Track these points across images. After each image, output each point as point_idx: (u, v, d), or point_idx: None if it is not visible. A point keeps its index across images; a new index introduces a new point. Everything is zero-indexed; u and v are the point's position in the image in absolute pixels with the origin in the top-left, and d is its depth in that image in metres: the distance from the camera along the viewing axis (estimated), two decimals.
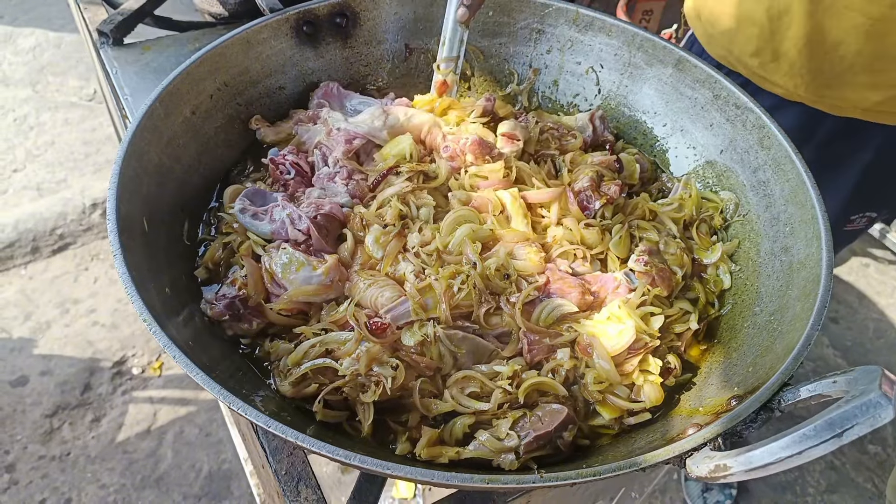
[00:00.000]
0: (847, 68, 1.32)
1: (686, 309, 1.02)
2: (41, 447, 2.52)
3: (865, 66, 1.30)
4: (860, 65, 1.30)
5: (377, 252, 0.96)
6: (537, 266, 0.93)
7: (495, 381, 0.86)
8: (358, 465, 0.68)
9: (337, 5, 1.24)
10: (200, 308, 0.95)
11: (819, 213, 0.95)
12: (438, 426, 0.86)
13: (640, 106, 1.28)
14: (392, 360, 0.85)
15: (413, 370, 0.86)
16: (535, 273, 0.93)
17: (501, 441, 0.80)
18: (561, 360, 0.87)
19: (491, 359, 0.89)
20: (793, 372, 0.78)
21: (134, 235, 0.88)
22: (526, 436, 0.80)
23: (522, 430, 0.81)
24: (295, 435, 0.68)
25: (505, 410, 0.84)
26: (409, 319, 0.87)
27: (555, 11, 1.28)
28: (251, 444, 1.19)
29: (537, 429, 0.80)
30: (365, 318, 0.87)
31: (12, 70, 4.04)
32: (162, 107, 1.01)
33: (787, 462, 0.62)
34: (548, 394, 0.88)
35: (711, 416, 0.80)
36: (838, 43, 1.29)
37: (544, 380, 0.85)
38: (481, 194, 1.02)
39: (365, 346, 0.85)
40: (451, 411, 0.87)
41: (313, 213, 1.00)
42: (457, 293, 0.87)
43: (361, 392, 0.85)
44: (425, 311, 0.87)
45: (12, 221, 3.16)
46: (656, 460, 0.71)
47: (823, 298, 0.86)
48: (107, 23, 1.52)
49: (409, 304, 0.86)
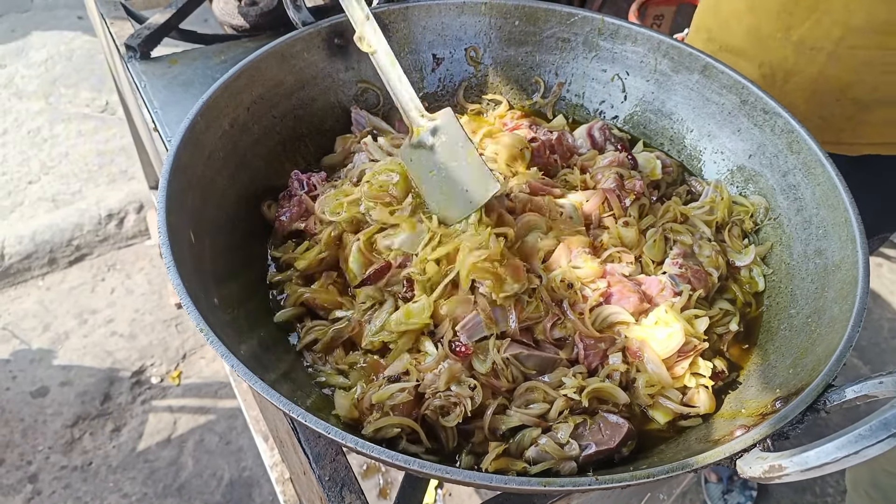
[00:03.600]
0: (861, 108, 1.28)
1: (727, 309, 1.03)
2: (63, 457, 2.54)
3: (881, 101, 1.26)
4: (876, 102, 1.27)
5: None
6: (597, 272, 0.95)
7: (559, 391, 0.87)
8: (437, 475, 0.70)
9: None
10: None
11: (853, 216, 0.97)
12: (501, 437, 0.88)
13: (667, 112, 1.29)
14: (469, 379, 0.86)
15: (487, 388, 0.88)
16: (594, 279, 0.95)
17: (562, 448, 0.81)
18: (615, 365, 0.88)
19: (554, 367, 0.90)
20: (836, 373, 0.80)
21: (183, 248, 0.89)
22: (587, 447, 0.81)
23: (583, 440, 0.82)
24: (381, 451, 0.70)
25: (566, 415, 0.86)
26: (483, 334, 0.88)
27: (580, 20, 1.30)
28: (290, 451, 1.20)
29: (599, 442, 0.81)
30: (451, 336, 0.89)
31: (25, 83, 4.07)
32: (203, 120, 1.03)
33: (843, 462, 0.63)
34: (607, 401, 0.89)
35: (756, 417, 0.81)
36: (849, 85, 1.25)
37: (607, 386, 0.87)
38: (539, 199, 1.02)
39: (446, 364, 0.86)
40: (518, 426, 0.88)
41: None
42: (525, 307, 0.89)
43: (442, 416, 0.86)
44: (495, 324, 0.89)
45: (29, 233, 3.18)
46: (708, 461, 0.72)
47: (862, 300, 0.87)
48: (134, 37, 1.55)
49: (480, 318, 0.87)
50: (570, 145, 1.26)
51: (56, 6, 4.70)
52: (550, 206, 1.03)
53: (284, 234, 1.13)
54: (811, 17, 1.28)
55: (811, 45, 1.30)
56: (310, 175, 1.16)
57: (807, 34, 1.30)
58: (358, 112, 1.29)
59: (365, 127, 1.27)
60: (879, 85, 1.26)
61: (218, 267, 0.98)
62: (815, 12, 1.28)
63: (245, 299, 1.02)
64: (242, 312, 0.99)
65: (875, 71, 1.24)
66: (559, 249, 0.97)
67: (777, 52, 1.36)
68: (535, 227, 0.99)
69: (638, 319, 0.94)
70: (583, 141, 1.28)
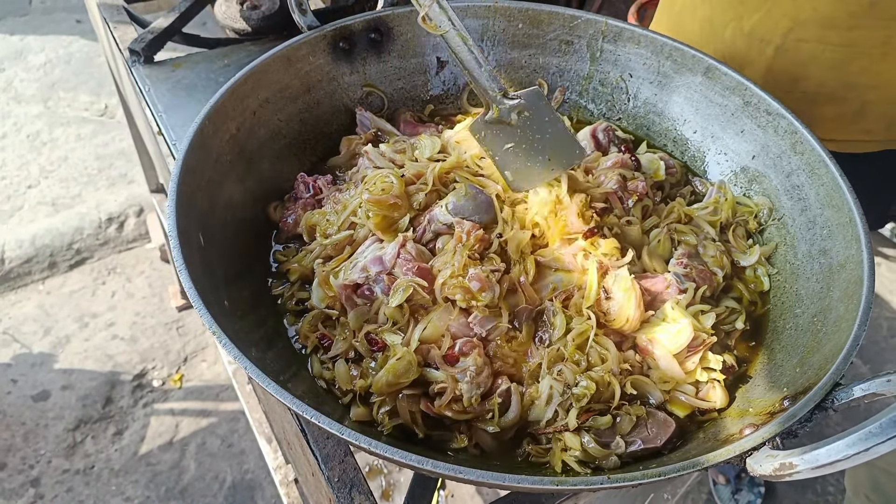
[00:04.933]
0: (810, 103, 1.31)
1: (732, 307, 1.04)
2: (65, 461, 2.54)
3: (829, 96, 1.29)
4: (824, 96, 1.30)
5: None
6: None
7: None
8: (450, 475, 0.70)
9: (372, 21, 1.27)
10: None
11: (857, 216, 0.98)
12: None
13: (670, 114, 1.30)
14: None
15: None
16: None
17: (608, 447, 0.83)
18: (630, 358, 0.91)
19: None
20: (843, 371, 0.81)
21: (193, 251, 0.90)
22: (632, 443, 0.82)
23: (629, 436, 0.83)
24: (404, 454, 0.71)
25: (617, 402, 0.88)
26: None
27: (584, 23, 1.31)
28: (297, 453, 1.20)
29: (646, 440, 0.82)
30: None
31: (24, 87, 4.07)
32: (210, 124, 1.03)
33: (853, 459, 0.64)
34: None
35: (765, 416, 0.82)
36: (798, 78, 1.28)
37: (645, 380, 0.89)
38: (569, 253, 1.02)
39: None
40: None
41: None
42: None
43: (481, 422, 0.88)
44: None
45: (29, 237, 3.18)
46: (718, 459, 0.73)
47: (868, 299, 0.88)
48: (138, 41, 1.55)
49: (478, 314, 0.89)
50: None
51: (54, 9, 4.70)
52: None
53: (289, 237, 1.14)
54: (762, 7, 1.32)
55: (761, 37, 1.34)
56: (315, 178, 1.17)
57: (757, 25, 1.34)
58: (362, 113, 1.29)
59: (369, 128, 1.28)
60: (826, 80, 1.29)
61: (227, 269, 0.99)
62: (765, 3, 1.31)
63: (252, 300, 1.03)
64: (251, 314, 0.99)
65: (821, 66, 1.27)
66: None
67: (729, 44, 1.40)
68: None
69: (647, 318, 0.95)
70: (587, 143, 1.28)
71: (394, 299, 0.90)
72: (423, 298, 0.91)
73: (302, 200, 1.14)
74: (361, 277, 0.94)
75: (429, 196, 1.03)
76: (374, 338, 0.92)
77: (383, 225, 0.98)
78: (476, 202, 0.97)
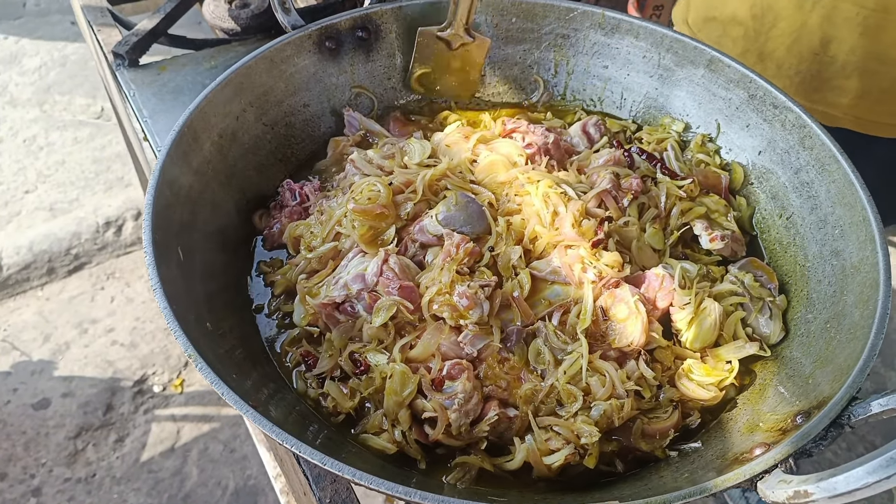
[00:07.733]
0: (838, 70, 1.27)
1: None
2: (66, 469, 2.51)
3: (858, 66, 1.25)
4: (852, 65, 1.25)
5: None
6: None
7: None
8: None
9: (359, 19, 1.22)
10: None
11: (871, 215, 0.92)
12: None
13: (672, 108, 1.25)
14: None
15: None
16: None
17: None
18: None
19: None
20: (860, 384, 0.76)
21: (171, 266, 0.86)
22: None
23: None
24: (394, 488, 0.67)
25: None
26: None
27: (580, 15, 1.26)
28: (290, 471, 1.16)
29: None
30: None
31: (19, 90, 4.03)
32: (190, 132, 0.99)
33: (874, 487, 0.59)
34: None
35: (776, 433, 0.77)
36: (829, 40, 1.24)
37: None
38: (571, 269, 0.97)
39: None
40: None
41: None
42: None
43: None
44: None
45: (27, 243, 3.15)
46: (728, 485, 0.68)
47: (885, 304, 0.83)
48: (122, 44, 1.50)
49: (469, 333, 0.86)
50: (568, 146, 1.22)
51: (49, 12, 4.65)
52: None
53: (274, 246, 1.09)
54: None
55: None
56: (302, 185, 1.12)
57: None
58: (350, 114, 1.24)
59: (358, 129, 1.23)
60: (856, 47, 1.25)
61: (208, 283, 0.95)
62: None
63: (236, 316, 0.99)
64: (236, 330, 0.95)
65: (853, 30, 1.23)
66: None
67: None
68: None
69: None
70: (579, 139, 1.23)
71: (377, 319, 0.86)
72: (407, 317, 0.87)
73: (288, 208, 1.09)
74: (342, 295, 0.90)
75: (418, 206, 0.98)
76: (357, 358, 0.87)
77: (368, 237, 0.93)
78: (468, 212, 0.92)
